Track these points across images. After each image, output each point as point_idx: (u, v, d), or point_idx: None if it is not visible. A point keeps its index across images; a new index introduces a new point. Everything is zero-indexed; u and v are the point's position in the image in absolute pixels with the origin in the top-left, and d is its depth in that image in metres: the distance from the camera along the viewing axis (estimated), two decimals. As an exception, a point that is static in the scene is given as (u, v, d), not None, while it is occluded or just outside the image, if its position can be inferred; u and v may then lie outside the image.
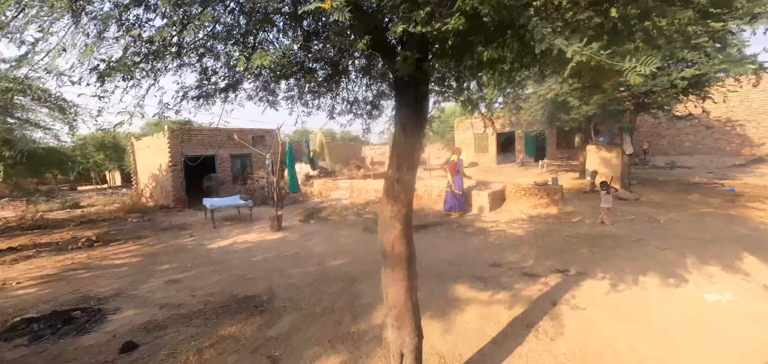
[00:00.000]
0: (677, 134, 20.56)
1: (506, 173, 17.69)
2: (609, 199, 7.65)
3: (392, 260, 2.52)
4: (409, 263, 2.55)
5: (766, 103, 18.45)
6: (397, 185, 2.43)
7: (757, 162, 16.47)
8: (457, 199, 9.53)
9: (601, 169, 11.39)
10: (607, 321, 3.72)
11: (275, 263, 6.35)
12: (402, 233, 2.50)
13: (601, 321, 3.72)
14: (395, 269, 2.50)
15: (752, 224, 7.14)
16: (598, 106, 9.20)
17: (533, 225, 8.17)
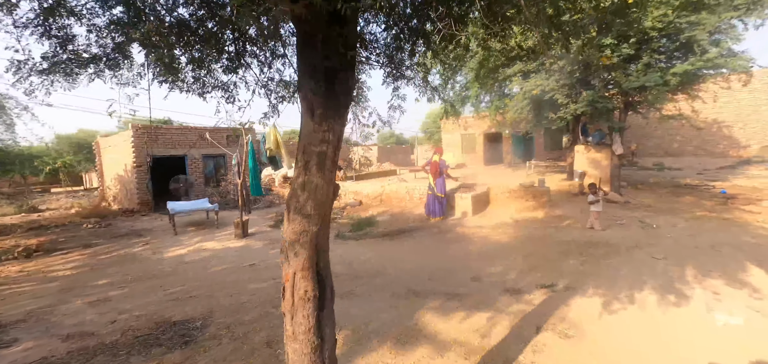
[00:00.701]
0: (665, 135, 20.33)
1: (493, 175, 17.16)
2: (598, 202, 7.09)
3: (293, 304, 1.77)
4: (320, 310, 1.79)
5: (753, 105, 18.31)
6: (302, 194, 1.69)
7: (745, 164, 16.25)
8: (439, 202, 8.88)
9: (589, 170, 10.88)
10: (602, 355, 3.09)
11: (228, 276, 5.60)
12: (308, 263, 1.73)
13: (595, 356, 3.08)
14: (297, 318, 1.75)
15: (752, 230, 6.64)
16: (586, 103, 8.65)
17: (519, 231, 7.57)
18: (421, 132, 36.78)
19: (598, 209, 7.06)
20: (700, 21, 7.31)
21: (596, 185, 7.29)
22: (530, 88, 9.15)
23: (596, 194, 7.12)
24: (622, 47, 8.00)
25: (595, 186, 7.27)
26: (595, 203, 7.09)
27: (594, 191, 7.17)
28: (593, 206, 7.12)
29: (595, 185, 7.34)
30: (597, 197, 7.10)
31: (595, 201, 7.09)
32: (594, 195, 7.12)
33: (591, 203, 7.16)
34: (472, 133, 24.34)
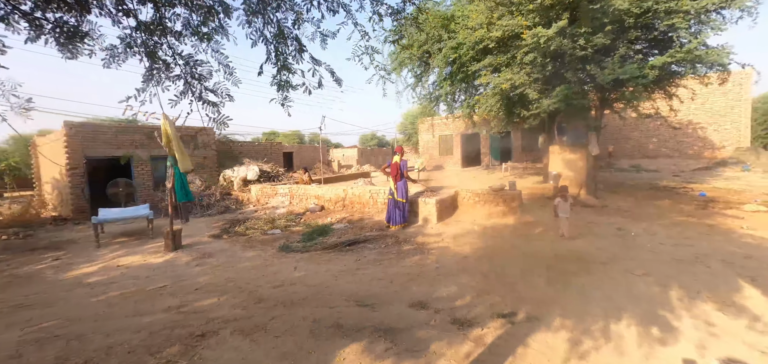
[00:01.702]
0: (641, 137, 20.10)
1: (469, 177, 16.45)
2: (566, 208, 6.32)
3: None
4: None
5: (727, 107, 18.21)
6: None
7: (720, 165, 16.04)
8: (400, 208, 7.97)
9: (565, 172, 10.20)
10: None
11: (120, 304, 4.51)
12: None
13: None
14: None
15: (737, 238, 5.98)
16: (559, 99, 7.92)
17: (485, 240, 6.72)
18: (400, 133, 35.99)
19: (565, 214, 6.28)
20: (680, 7, 6.66)
21: (566, 189, 6.51)
22: (499, 82, 8.36)
23: (565, 198, 6.35)
24: (596, 37, 7.29)
25: (565, 190, 6.50)
26: (563, 209, 6.32)
27: (563, 194, 6.40)
28: (560, 211, 6.34)
29: (565, 188, 6.56)
30: (565, 202, 6.34)
31: (563, 206, 6.33)
32: (563, 199, 6.36)
33: (556, 206, 6.41)
34: (450, 135, 23.65)
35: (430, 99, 14.46)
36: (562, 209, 6.33)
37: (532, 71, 8.17)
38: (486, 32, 8.26)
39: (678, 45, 7.10)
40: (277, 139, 49.27)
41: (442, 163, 24.23)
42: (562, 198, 6.36)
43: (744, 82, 17.48)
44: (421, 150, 25.51)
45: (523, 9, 7.54)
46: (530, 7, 7.44)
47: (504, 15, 7.88)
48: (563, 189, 6.49)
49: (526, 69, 8.13)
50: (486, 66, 9.14)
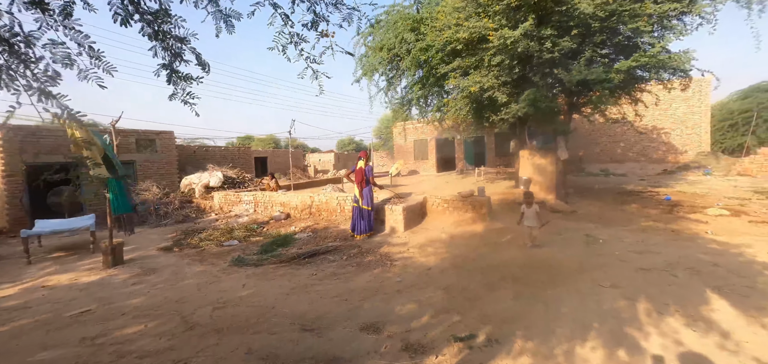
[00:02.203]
0: (609, 142, 20.53)
1: (441, 182, 16.24)
2: (531, 215, 6.07)
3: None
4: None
5: (688, 113, 18.82)
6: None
7: (683, 169, 16.51)
8: (365, 217, 7.56)
9: (535, 177, 10.09)
10: None
11: (27, 335, 3.87)
12: None
13: None
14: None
15: (702, 244, 5.91)
16: (528, 102, 7.75)
17: (451, 249, 6.41)
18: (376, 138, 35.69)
19: (532, 223, 6.04)
20: (643, 10, 6.61)
21: (531, 196, 6.28)
22: (467, 85, 8.13)
23: (530, 205, 6.11)
24: (563, 41, 7.17)
25: (530, 196, 6.27)
26: (529, 217, 6.09)
27: (528, 201, 6.16)
28: (526, 219, 6.11)
29: (529, 194, 6.34)
30: (529, 209, 6.09)
31: (529, 213, 6.09)
32: (527, 206, 6.12)
33: (522, 214, 6.17)
34: (424, 140, 23.48)
35: (403, 103, 14.20)
36: (527, 217, 6.08)
37: (500, 74, 7.98)
38: (453, 33, 8.01)
39: (642, 49, 7.08)
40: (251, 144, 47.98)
41: (417, 168, 24.03)
42: (526, 205, 6.12)
43: (703, 89, 18.15)
44: (396, 155, 25.24)
45: (490, 10, 7.33)
46: (496, 9, 7.24)
47: (471, 16, 7.65)
48: (528, 196, 6.24)
49: (494, 71, 7.93)
50: (455, 69, 8.90)
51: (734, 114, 21.56)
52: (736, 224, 7.08)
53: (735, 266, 4.71)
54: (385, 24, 11.99)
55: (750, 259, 5.03)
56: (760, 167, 14.62)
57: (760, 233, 6.41)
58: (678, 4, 6.61)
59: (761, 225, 6.93)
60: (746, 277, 4.40)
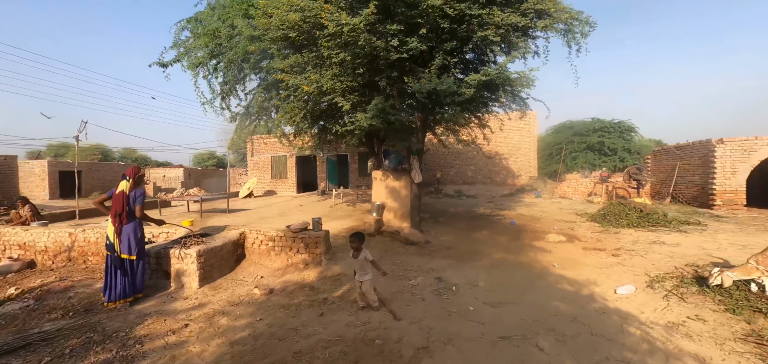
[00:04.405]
0: (462, 165, 21.74)
1: (294, 206, 13.97)
2: (366, 266, 4.31)
3: None
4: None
5: (521, 141, 21.23)
6: None
7: (520, 192, 18.26)
8: (127, 271, 4.71)
9: (389, 201, 8.80)
10: None
11: None
12: None
13: None
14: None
15: (553, 282, 5.19)
16: (375, 113, 6.27)
17: (259, 318, 4.21)
18: (233, 152, 31.19)
19: (365, 276, 4.30)
20: (492, 19, 5.87)
21: (361, 239, 4.43)
22: (299, 82, 6.22)
23: (359, 251, 4.32)
24: (411, 42, 5.94)
25: (360, 238, 4.42)
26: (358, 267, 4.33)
27: (356, 246, 4.35)
28: (357, 272, 4.36)
29: (359, 237, 4.44)
30: (360, 257, 4.30)
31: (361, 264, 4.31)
32: (356, 252, 4.34)
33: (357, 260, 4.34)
34: (284, 156, 20.88)
35: (248, 111, 11.54)
36: (359, 269, 4.35)
37: (342, 74, 6.32)
38: (284, 14, 6.04)
39: (492, 61, 6.45)
40: (65, 155, 36.44)
41: (275, 188, 21.19)
42: (355, 251, 4.38)
43: (531, 121, 20.83)
44: (251, 172, 21.87)
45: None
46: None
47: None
48: (354, 240, 4.40)
49: (334, 70, 6.22)
50: (292, 65, 6.90)
51: (550, 146, 25.75)
52: (574, 252, 6.91)
53: (595, 323, 3.83)
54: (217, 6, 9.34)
55: (603, 306, 4.31)
56: (574, 190, 17.05)
57: (596, 263, 6.19)
58: (523, 18, 6.09)
59: (593, 252, 6.89)
60: (609, 338, 3.49)
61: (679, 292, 4.60)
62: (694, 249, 6.74)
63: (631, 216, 9.43)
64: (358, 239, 4.32)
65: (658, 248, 6.99)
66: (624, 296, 4.60)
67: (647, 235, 8.13)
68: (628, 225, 9.07)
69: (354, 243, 4.32)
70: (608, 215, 9.89)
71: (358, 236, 4.37)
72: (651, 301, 4.40)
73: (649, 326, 3.73)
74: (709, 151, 11.88)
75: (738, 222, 9.51)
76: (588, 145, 23.27)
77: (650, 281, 5.04)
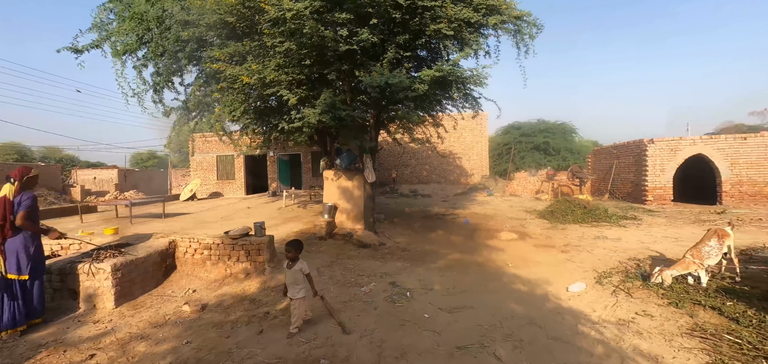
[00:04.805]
0: (417, 164, 21.80)
1: (241, 209, 13.04)
2: (300, 280, 3.73)
3: None
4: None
5: (473, 141, 21.72)
6: None
7: (473, 190, 18.62)
8: (17, 293, 3.87)
9: (342, 203, 8.38)
10: None
11: None
12: None
13: None
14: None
15: (508, 282, 5.10)
16: (324, 108, 5.83)
17: (185, 339, 3.63)
18: (174, 152, 28.88)
19: (299, 294, 3.71)
20: (445, 12, 5.69)
21: (298, 248, 3.84)
22: (238, 72, 5.61)
23: (295, 261, 3.78)
24: (362, 32, 5.59)
25: (297, 248, 3.82)
26: (291, 281, 3.76)
27: (292, 255, 3.78)
28: (289, 287, 3.76)
29: (296, 245, 3.85)
30: (295, 268, 3.74)
31: (295, 277, 3.73)
32: (291, 262, 3.78)
33: (290, 272, 3.75)
34: (230, 156, 19.58)
35: (187, 107, 10.51)
36: (291, 284, 3.74)
37: (287, 65, 5.80)
38: (219, -2, 5.40)
39: (445, 57, 6.30)
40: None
41: (222, 190, 19.82)
42: (291, 260, 3.81)
43: (483, 121, 21.39)
44: (194, 173, 20.29)
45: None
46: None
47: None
48: (294, 248, 3.81)
49: (278, 60, 5.69)
50: (232, 54, 6.25)
51: (500, 146, 26.73)
52: (526, 250, 6.96)
53: (551, 325, 3.73)
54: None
55: (557, 305, 4.26)
56: (523, 188, 17.71)
57: (547, 260, 6.26)
58: (475, 14, 5.98)
59: (543, 250, 6.99)
60: (565, 341, 3.38)
61: (625, 287, 4.69)
62: (634, 243, 7.07)
63: (576, 212, 9.83)
64: (295, 248, 3.81)
65: (602, 242, 7.25)
66: (576, 293, 4.59)
67: (591, 230, 8.47)
68: (573, 221, 9.43)
69: (290, 252, 3.79)
70: (556, 211, 10.24)
71: (296, 244, 3.86)
72: (601, 298, 4.42)
73: (602, 325, 3.70)
74: (641, 150, 12.81)
75: (667, 216, 10.28)
76: (534, 145, 24.42)
77: (599, 277, 5.12)
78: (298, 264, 3.75)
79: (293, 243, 3.86)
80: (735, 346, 3.10)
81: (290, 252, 3.77)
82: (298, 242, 3.91)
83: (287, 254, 3.80)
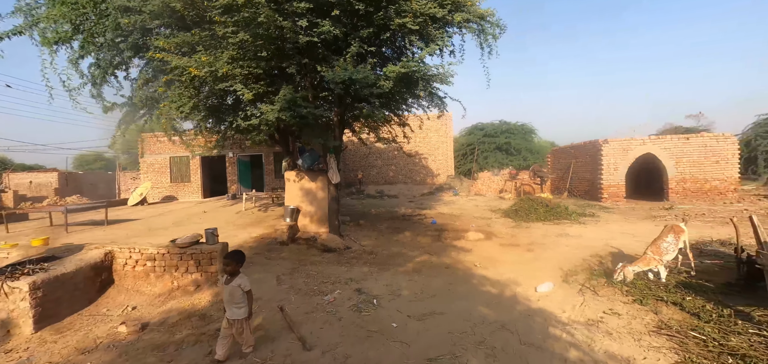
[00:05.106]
0: (384, 165, 21.65)
1: (196, 213, 12.21)
2: (239, 297, 3.23)
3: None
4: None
5: (439, 141, 21.90)
6: None
7: (439, 190, 18.72)
8: None
9: (304, 205, 7.96)
10: None
11: None
12: None
13: None
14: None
15: (477, 285, 4.97)
16: (284, 105, 5.44)
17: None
18: (118, 153, 26.80)
19: (238, 314, 3.21)
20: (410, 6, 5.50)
21: (237, 260, 3.32)
22: (185, 64, 5.09)
23: (234, 275, 3.24)
24: (324, 24, 5.26)
25: (237, 260, 3.33)
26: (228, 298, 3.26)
27: (231, 269, 3.25)
28: (226, 305, 3.26)
29: (239, 256, 3.43)
30: (233, 283, 3.22)
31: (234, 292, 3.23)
32: (230, 276, 3.26)
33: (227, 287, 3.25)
34: (185, 157, 18.36)
35: (132, 102, 9.60)
36: (230, 302, 3.22)
37: (241, 57, 5.34)
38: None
39: (411, 55, 6.11)
40: None
41: (176, 193, 18.55)
42: (229, 275, 3.26)
43: (448, 121, 21.62)
44: (145, 175, 18.85)
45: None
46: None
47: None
48: (233, 260, 3.29)
49: (231, 51, 5.22)
50: (180, 45, 5.68)
51: (464, 146, 27.20)
52: (493, 250, 6.93)
53: (522, 329, 3.60)
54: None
55: (527, 308, 4.16)
56: (487, 187, 18.04)
57: (514, 259, 6.23)
58: (441, 10, 5.83)
59: (510, 249, 6.99)
60: (538, 346, 3.26)
61: (591, 285, 4.71)
62: (594, 240, 7.24)
63: (539, 211, 10.03)
64: (235, 260, 3.32)
65: (565, 240, 7.38)
66: (544, 293, 4.54)
67: (554, 228, 8.64)
68: (537, 219, 9.60)
69: (229, 265, 3.26)
70: (520, 210, 10.41)
71: (235, 256, 3.38)
72: (569, 297, 4.39)
73: (573, 326, 3.63)
74: (597, 150, 13.39)
75: (621, 212, 10.76)
76: (497, 145, 25.04)
77: (565, 276, 5.12)
78: (238, 279, 3.25)
79: (233, 254, 3.41)
80: (700, 342, 3.11)
81: (229, 265, 3.28)
82: (238, 254, 3.47)
83: (225, 267, 3.32)
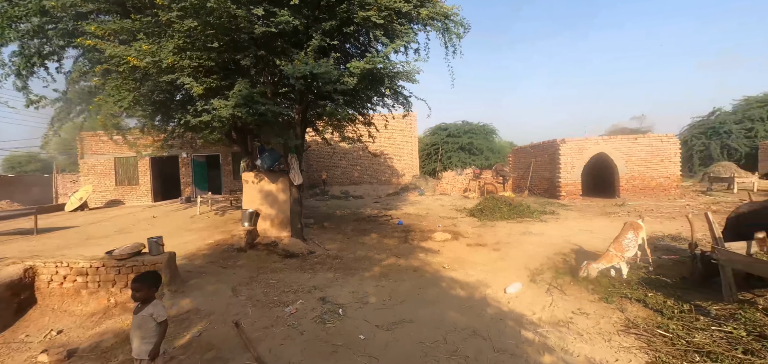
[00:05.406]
0: (348, 165, 21.28)
1: (143, 219, 11.22)
2: (150, 330, 2.56)
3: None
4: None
5: (404, 141, 21.88)
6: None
7: (405, 190, 18.65)
8: None
9: (264, 208, 7.49)
10: None
11: None
12: None
13: None
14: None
15: (446, 288, 4.82)
16: (239, 101, 4.99)
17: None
18: (52, 153, 24.42)
19: (144, 352, 2.53)
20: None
21: (148, 285, 2.66)
22: (122, 53, 4.52)
23: (147, 302, 2.61)
24: (281, 13, 4.89)
25: (144, 286, 2.63)
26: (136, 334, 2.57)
27: (144, 293, 2.61)
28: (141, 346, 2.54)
29: (154, 277, 2.79)
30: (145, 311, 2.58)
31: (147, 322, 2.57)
32: (142, 303, 2.61)
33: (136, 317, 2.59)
34: (132, 158, 16.93)
35: (67, 97, 8.58)
36: (137, 334, 2.55)
37: (189, 47, 4.84)
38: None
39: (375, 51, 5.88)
40: None
41: (122, 197, 17.08)
42: (141, 302, 2.61)
43: (413, 121, 21.65)
44: (86, 177, 17.19)
45: None
46: None
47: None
48: (145, 284, 2.64)
49: (177, 41, 4.70)
50: (116, 32, 5.04)
51: (428, 146, 27.47)
52: (460, 250, 6.86)
53: (495, 334, 3.47)
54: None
55: (498, 310, 4.06)
56: (452, 187, 18.23)
57: (482, 259, 6.18)
58: (406, 4, 5.64)
59: (477, 249, 6.96)
60: (511, 352, 3.14)
61: (557, 283, 4.71)
62: (556, 237, 7.39)
63: (503, 209, 10.17)
64: (148, 283, 2.67)
65: (528, 238, 7.47)
66: (514, 294, 4.47)
67: (518, 226, 8.76)
68: (501, 218, 9.72)
69: (140, 290, 2.60)
70: (484, 209, 10.50)
71: (149, 278, 2.74)
72: (538, 297, 4.34)
73: (544, 328, 3.55)
74: (555, 149, 13.90)
75: (579, 209, 11.20)
76: (460, 145, 25.50)
77: (532, 275, 5.11)
78: (151, 307, 2.60)
79: (145, 276, 2.76)
80: (667, 340, 3.13)
81: (140, 290, 2.60)
82: (152, 275, 2.82)
83: (135, 293, 2.62)
